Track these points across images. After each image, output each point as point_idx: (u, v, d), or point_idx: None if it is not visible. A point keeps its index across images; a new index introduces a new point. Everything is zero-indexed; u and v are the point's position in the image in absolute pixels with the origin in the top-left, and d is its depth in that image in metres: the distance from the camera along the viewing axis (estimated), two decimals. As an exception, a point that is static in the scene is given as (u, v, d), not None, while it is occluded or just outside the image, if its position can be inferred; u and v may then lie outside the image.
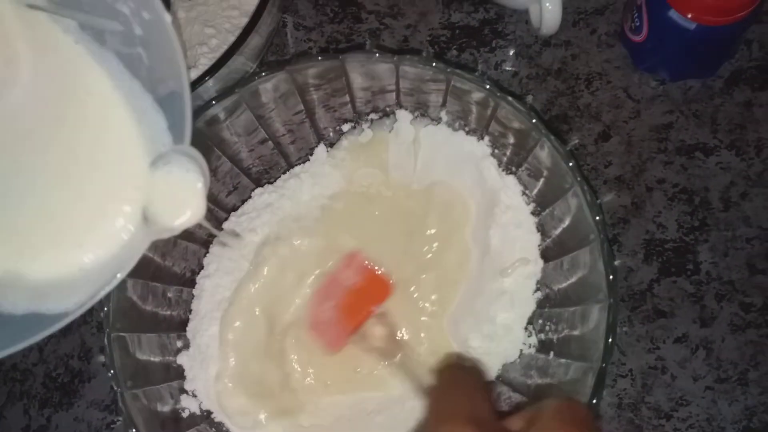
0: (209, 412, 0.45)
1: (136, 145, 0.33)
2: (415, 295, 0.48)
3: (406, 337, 0.47)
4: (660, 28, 0.48)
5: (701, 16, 0.46)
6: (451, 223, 0.48)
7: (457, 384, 0.32)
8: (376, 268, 0.47)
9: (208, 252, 0.49)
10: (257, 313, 0.47)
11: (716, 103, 0.52)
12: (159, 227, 0.32)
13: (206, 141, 0.46)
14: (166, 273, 0.47)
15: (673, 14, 0.47)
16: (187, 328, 0.47)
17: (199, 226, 0.33)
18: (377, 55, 0.44)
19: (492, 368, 0.46)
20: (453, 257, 0.48)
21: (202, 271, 0.49)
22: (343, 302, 0.46)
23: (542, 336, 0.46)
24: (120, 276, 0.32)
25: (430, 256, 0.48)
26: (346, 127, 0.50)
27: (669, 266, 0.49)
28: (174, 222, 0.32)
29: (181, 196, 0.32)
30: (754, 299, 0.48)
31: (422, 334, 0.47)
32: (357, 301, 0.46)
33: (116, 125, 0.33)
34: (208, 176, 0.32)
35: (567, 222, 0.45)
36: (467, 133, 0.48)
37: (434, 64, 0.43)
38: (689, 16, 0.46)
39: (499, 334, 0.46)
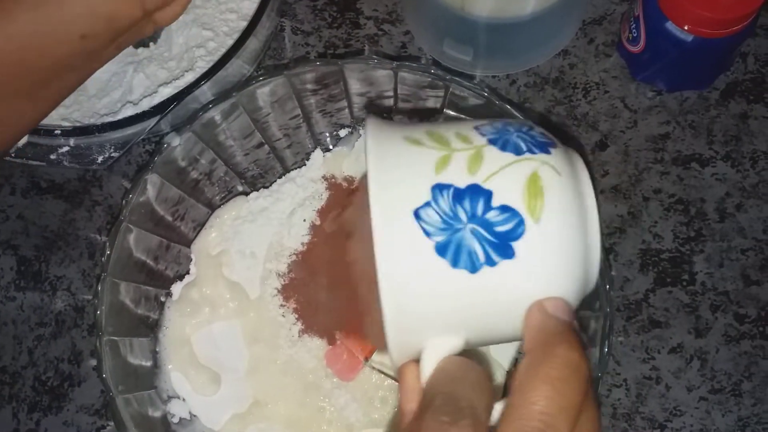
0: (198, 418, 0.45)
1: None
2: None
3: None
4: (657, 40, 0.48)
5: (698, 29, 0.46)
6: None
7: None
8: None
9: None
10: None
11: (712, 114, 0.52)
12: None
13: (202, 144, 0.46)
14: (159, 276, 0.46)
15: (670, 26, 0.47)
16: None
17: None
18: (375, 61, 0.44)
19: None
20: None
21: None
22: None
23: (537, 345, 0.46)
24: None
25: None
26: (343, 133, 0.50)
27: (664, 276, 0.49)
28: None
29: None
30: (749, 310, 0.48)
31: None
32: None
33: None
34: None
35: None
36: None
37: (432, 71, 0.43)
38: (686, 28, 0.46)
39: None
